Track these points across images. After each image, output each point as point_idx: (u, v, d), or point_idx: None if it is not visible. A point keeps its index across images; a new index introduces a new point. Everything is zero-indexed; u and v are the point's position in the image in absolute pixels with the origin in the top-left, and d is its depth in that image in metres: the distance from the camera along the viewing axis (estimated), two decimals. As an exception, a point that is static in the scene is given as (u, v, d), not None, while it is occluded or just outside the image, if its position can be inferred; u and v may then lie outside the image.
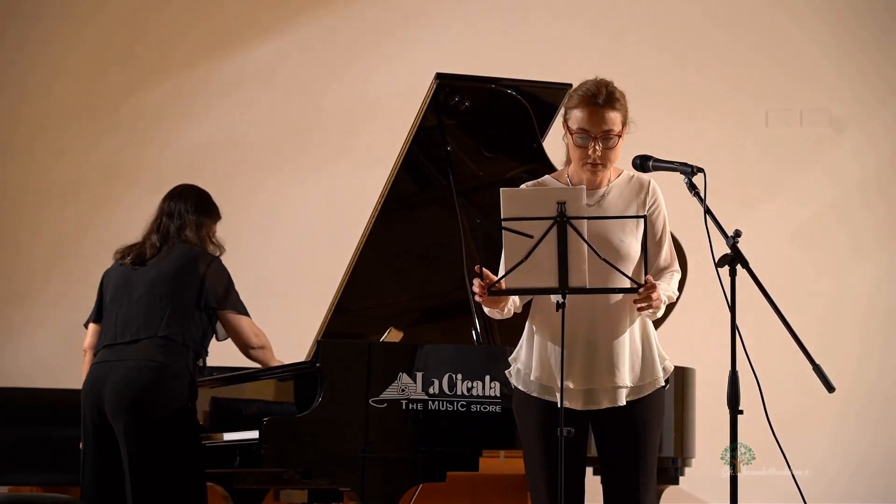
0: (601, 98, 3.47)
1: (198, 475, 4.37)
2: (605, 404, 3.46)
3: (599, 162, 3.50)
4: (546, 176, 3.67)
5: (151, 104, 7.25)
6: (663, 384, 3.52)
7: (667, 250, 3.59)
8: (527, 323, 3.58)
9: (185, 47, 7.30)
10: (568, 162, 3.61)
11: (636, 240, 3.50)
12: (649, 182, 3.58)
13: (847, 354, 6.97)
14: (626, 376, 3.46)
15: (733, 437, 3.29)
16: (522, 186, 3.62)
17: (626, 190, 3.57)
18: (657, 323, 3.62)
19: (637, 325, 3.49)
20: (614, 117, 3.48)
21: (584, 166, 3.52)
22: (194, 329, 4.44)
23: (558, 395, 3.43)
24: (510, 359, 3.62)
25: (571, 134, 3.51)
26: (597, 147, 3.48)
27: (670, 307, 3.70)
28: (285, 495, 4.93)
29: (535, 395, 3.51)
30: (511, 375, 3.60)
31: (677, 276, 3.59)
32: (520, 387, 3.56)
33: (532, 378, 3.50)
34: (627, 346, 3.47)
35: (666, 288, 3.48)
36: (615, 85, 3.53)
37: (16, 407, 5.72)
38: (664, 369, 3.53)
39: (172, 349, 4.38)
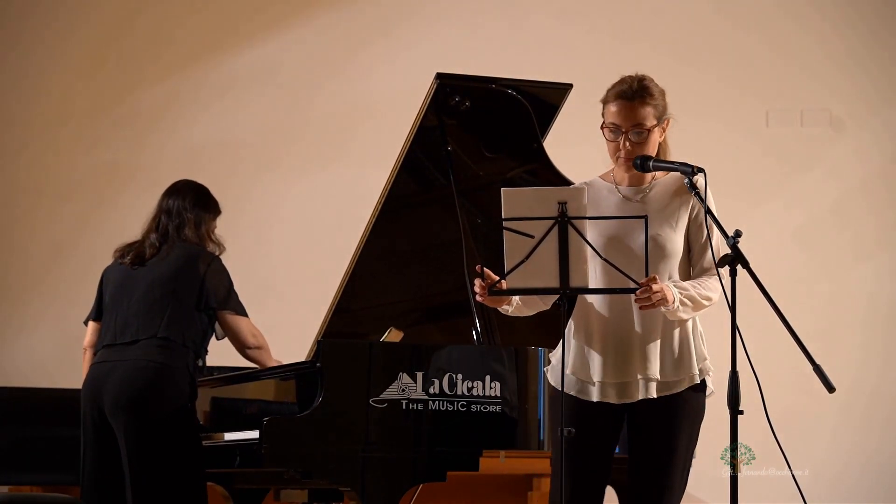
0: (631, 92, 3.51)
1: (198, 475, 4.37)
2: (638, 397, 3.47)
3: (630, 157, 3.51)
4: (595, 177, 3.67)
5: (149, 104, 7.25)
6: (698, 382, 3.50)
7: (712, 251, 3.55)
8: (570, 321, 3.59)
9: (184, 47, 7.30)
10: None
11: (679, 236, 3.50)
12: (698, 180, 3.56)
13: (848, 354, 6.97)
14: (657, 369, 3.46)
15: (733, 437, 3.29)
16: (579, 184, 3.62)
17: (671, 187, 3.57)
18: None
19: (675, 321, 3.48)
20: (645, 112, 3.51)
21: (617, 161, 3.55)
22: (194, 330, 4.44)
23: (592, 389, 3.48)
24: (550, 354, 3.65)
25: (605, 128, 3.53)
26: (627, 142, 3.49)
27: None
28: (285, 495, 4.93)
29: (564, 390, 3.53)
30: (548, 371, 3.63)
31: (716, 280, 3.47)
32: (552, 382, 3.58)
33: (568, 372, 3.51)
34: (662, 341, 3.47)
35: (687, 288, 3.44)
36: (652, 81, 3.56)
37: (16, 407, 5.71)
38: (701, 369, 3.51)
39: (172, 350, 4.38)
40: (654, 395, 3.47)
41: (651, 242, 3.44)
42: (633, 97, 3.51)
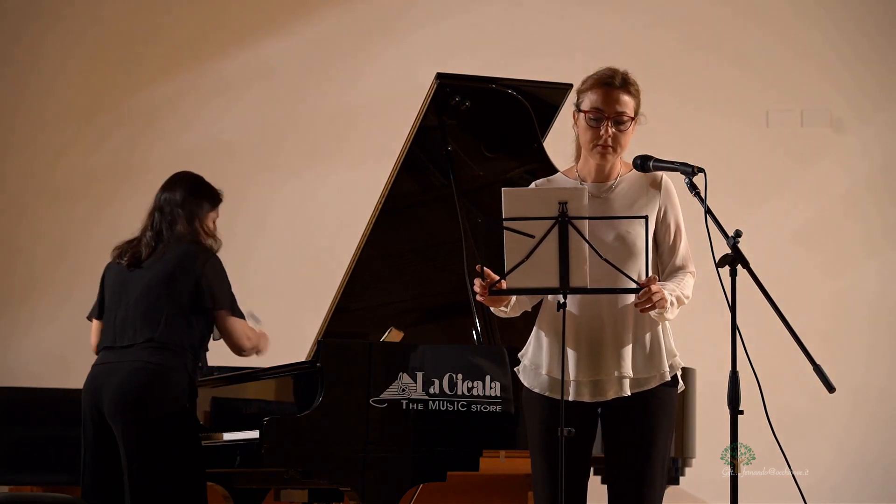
0: (617, 81, 3.51)
1: (196, 476, 4.35)
2: (611, 395, 3.46)
3: (610, 144, 3.50)
4: (557, 173, 3.67)
5: (151, 104, 7.25)
6: (669, 380, 3.51)
7: (683, 249, 3.57)
8: (536, 321, 3.59)
9: (185, 47, 7.30)
10: (577, 158, 3.62)
11: (648, 233, 3.51)
12: (662, 178, 3.56)
13: (847, 354, 6.97)
14: (629, 366, 3.46)
15: (733, 437, 3.29)
16: (533, 184, 3.62)
17: (637, 184, 3.56)
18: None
19: (646, 319, 3.47)
20: (628, 101, 3.50)
21: (594, 149, 3.51)
22: (191, 331, 4.40)
23: (570, 389, 3.46)
24: (519, 355, 3.63)
25: (585, 113, 3.51)
26: (609, 128, 3.49)
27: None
28: (286, 495, 4.93)
29: (537, 391, 3.53)
30: (519, 372, 3.61)
31: (691, 278, 3.55)
32: (526, 383, 3.57)
33: (543, 373, 3.51)
34: (633, 339, 3.47)
35: (674, 288, 3.45)
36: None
37: (16, 407, 5.71)
38: (672, 366, 3.51)
39: (170, 352, 4.35)
40: (628, 393, 3.47)
41: (618, 240, 3.44)
42: (620, 86, 3.50)
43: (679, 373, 3.54)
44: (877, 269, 7.19)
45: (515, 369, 3.63)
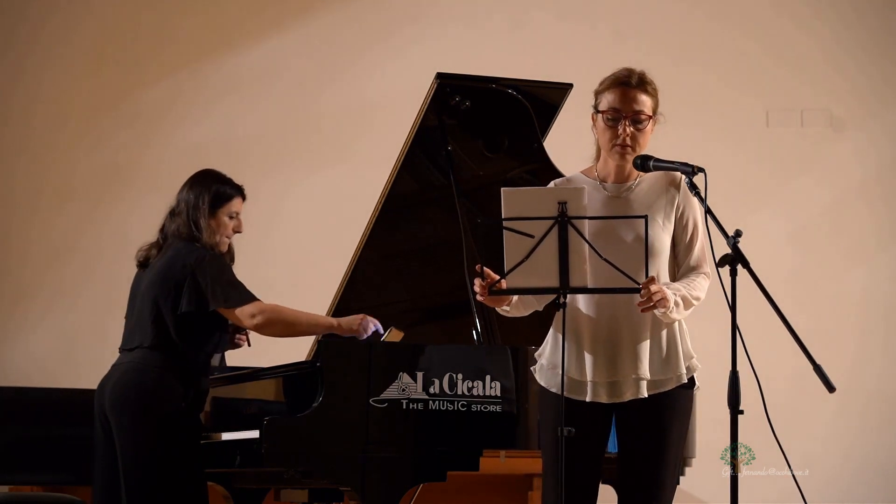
0: (634, 80, 3.54)
1: (191, 476, 4.31)
2: (628, 396, 3.47)
3: (629, 144, 3.51)
4: (576, 173, 3.67)
5: (151, 104, 7.25)
6: (686, 381, 3.51)
7: (698, 250, 3.57)
8: (553, 320, 3.59)
9: (185, 47, 7.30)
10: (596, 158, 3.62)
11: (666, 234, 3.50)
12: (681, 179, 3.56)
13: (848, 354, 6.97)
14: (646, 368, 3.47)
15: (733, 437, 3.29)
16: (552, 183, 3.63)
17: (657, 184, 3.57)
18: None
19: (662, 320, 3.48)
20: (645, 100, 3.53)
21: (613, 149, 3.53)
22: (186, 331, 4.36)
23: (584, 389, 3.48)
24: (536, 354, 3.63)
25: (602, 113, 3.52)
26: (627, 127, 3.49)
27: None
28: (286, 495, 4.93)
29: (554, 391, 3.52)
30: (535, 371, 3.62)
31: (704, 279, 3.54)
32: (542, 383, 3.57)
33: (559, 372, 3.50)
34: (650, 340, 3.48)
35: (679, 288, 3.45)
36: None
37: (16, 407, 5.70)
38: (689, 368, 3.52)
39: (165, 353, 4.32)
40: (645, 395, 3.47)
41: (638, 241, 3.44)
42: (637, 86, 3.53)
43: (695, 374, 3.55)
44: (877, 269, 7.18)
45: (532, 368, 3.64)
